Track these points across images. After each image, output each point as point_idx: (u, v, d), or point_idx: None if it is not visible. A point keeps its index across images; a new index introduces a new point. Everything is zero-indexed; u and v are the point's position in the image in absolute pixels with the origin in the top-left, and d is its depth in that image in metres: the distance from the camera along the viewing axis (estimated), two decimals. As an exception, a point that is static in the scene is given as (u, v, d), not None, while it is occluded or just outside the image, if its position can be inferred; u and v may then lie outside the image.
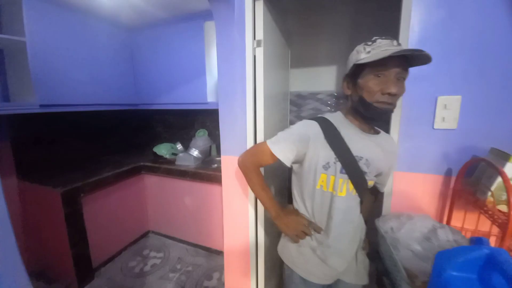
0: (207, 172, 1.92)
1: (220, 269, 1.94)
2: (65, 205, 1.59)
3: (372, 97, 0.70)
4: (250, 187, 0.93)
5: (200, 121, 2.43)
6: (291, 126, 0.84)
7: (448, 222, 0.87)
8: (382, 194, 0.99)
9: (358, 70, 0.73)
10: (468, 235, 0.83)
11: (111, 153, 2.45)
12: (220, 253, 2.10)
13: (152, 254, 2.14)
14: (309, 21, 1.90)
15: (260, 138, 1.19)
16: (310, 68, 1.99)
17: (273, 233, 1.53)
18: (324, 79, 1.97)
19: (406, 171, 0.94)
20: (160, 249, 2.21)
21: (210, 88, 2.07)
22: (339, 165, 0.76)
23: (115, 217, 2.03)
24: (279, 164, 0.83)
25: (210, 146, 2.31)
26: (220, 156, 2.26)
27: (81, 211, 1.71)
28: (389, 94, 0.68)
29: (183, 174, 2.02)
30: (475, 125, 0.84)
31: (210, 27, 1.98)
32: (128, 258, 2.08)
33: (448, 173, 0.89)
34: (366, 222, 0.95)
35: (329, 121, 0.79)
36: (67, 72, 1.76)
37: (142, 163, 2.19)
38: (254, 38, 1.11)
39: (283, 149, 0.81)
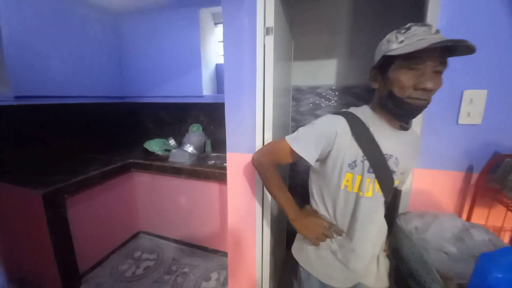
0: (204, 169, 1.83)
1: (219, 269, 1.87)
2: (47, 208, 1.43)
3: (404, 93, 0.63)
4: (266, 187, 0.87)
5: (194, 115, 2.30)
6: (314, 122, 0.77)
7: (469, 219, 0.86)
8: (399, 191, 0.96)
9: (388, 61, 0.66)
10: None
11: (97, 149, 2.26)
12: (217, 252, 2.02)
13: (145, 256, 2.02)
14: (309, 13, 1.83)
15: (268, 135, 1.12)
16: (310, 62, 1.93)
17: (278, 231, 1.48)
18: (323, 73, 1.91)
19: (426, 167, 0.91)
20: (153, 250, 2.09)
21: (206, 81, 1.96)
22: (367, 163, 0.71)
23: (103, 218, 1.89)
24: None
25: (205, 142, 2.20)
26: (214, 152, 2.19)
27: (65, 213, 1.56)
28: (423, 89, 0.61)
29: (178, 171, 1.90)
30: (500, 121, 0.82)
31: (206, 15, 1.85)
32: (118, 261, 1.95)
33: (469, 170, 0.87)
34: None
35: (357, 117, 0.73)
36: (47, 60, 1.58)
37: (132, 160, 2.04)
38: (264, 25, 1.03)
39: (307, 147, 0.74)
